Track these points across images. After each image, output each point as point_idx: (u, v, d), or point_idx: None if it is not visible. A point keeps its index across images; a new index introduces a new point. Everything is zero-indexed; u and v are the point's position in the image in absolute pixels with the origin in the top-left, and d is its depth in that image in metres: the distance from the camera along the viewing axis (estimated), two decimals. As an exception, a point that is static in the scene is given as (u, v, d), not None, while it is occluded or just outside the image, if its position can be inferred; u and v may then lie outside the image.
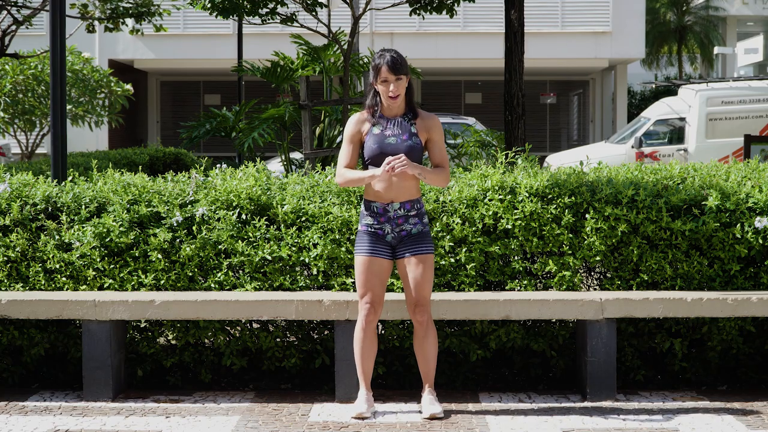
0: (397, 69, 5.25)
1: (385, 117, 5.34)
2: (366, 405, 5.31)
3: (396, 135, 5.29)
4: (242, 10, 10.32)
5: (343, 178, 5.33)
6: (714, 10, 36.78)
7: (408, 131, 5.31)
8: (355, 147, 5.34)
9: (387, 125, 5.32)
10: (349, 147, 5.34)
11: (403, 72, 5.27)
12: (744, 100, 18.96)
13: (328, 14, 14.35)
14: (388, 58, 5.26)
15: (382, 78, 5.27)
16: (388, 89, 5.26)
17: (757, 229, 5.66)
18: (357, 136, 5.34)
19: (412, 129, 5.32)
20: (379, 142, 5.28)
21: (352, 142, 5.34)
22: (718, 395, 5.74)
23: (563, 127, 31.20)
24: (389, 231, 5.30)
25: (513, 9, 9.56)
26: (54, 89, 6.77)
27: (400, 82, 5.27)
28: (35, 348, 5.92)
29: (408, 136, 5.30)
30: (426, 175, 5.25)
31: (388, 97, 5.27)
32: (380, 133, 5.30)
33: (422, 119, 5.36)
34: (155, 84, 29.90)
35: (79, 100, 17.69)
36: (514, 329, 5.85)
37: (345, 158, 5.34)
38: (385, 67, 5.25)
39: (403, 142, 5.28)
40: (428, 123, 5.36)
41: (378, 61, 5.28)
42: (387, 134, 5.30)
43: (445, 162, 5.36)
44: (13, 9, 13.99)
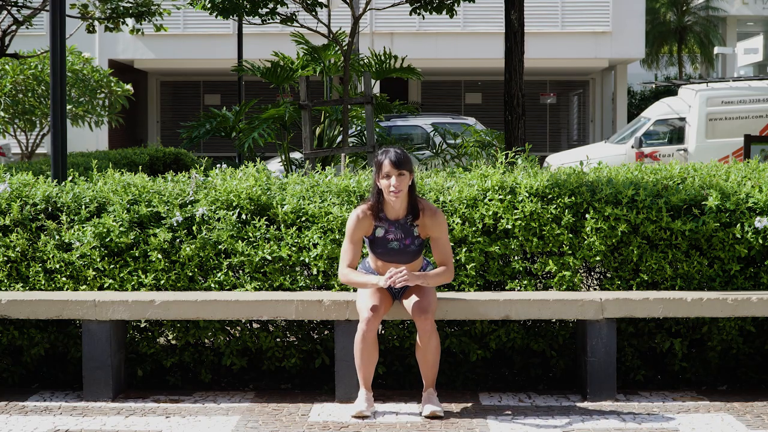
0: (399, 164, 5.27)
1: (387, 219, 5.38)
2: (366, 405, 5.31)
3: (399, 240, 5.38)
4: (242, 10, 10.33)
5: (347, 279, 5.40)
6: (714, 10, 36.77)
7: (411, 235, 5.39)
8: (357, 246, 5.40)
9: (389, 228, 5.39)
10: (351, 247, 5.39)
11: (406, 168, 5.29)
12: (744, 100, 18.96)
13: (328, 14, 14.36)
14: (392, 153, 5.30)
15: (385, 173, 5.29)
16: (389, 186, 5.27)
17: (757, 229, 5.65)
18: (359, 234, 5.40)
19: (414, 232, 5.40)
20: (383, 246, 5.39)
21: (354, 242, 5.39)
22: (718, 395, 5.74)
23: (563, 127, 31.19)
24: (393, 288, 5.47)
25: (513, 9, 9.56)
26: (54, 89, 6.77)
27: (403, 177, 5.28)
28: (35, 348, 5.92)
29: (410, 240, 5.39)
30: (428, 281, 5.35)
31: (389, 192, 5.28)
32: (383, 237, 5.39)
33: (424, 218, 5.38)
34: (155, 84, 29.90)
35: (79, 100, 17.68)
36: (514, 329, 5.85)
37: (348, 258, 5.39)
38: (388, 161, 5.28)
39: (406, 247, 5.38)
40: (429, 222, 5.38)
41: (381, 157, 5.33)
42: (389, 238, 5.39)
43: (448, 259, 5.41)
44: (13, 9, 13.98)
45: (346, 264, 5.38)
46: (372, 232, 5.40)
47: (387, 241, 5.39)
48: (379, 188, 5.35)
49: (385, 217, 5.39)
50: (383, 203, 5.36)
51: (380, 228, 5.40)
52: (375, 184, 5.38)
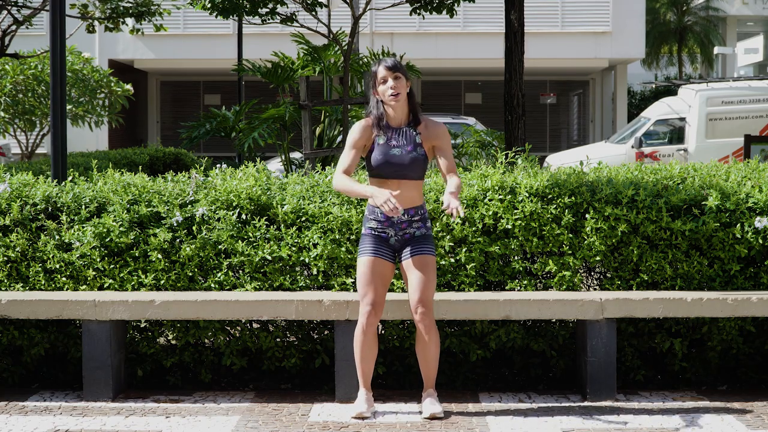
0: (394, 67, 5.28)
1: (390, 126, 5.35)
2: (366, 405, 5.31)
3: (401, 146, 5.31)
4: (242, 10, 10.33)
5: (342, 184, 5.27)
6: (714, 10, 36.78)
7: (413, 142, 5.32)
8: (357, 153, 5.33)
9: (392, 135, 5.33)
10: (351, 152, 5.33)
11: (401, 71, 5.29)
12: (744, 100, 18.96)
13: (328, 14, 14.36)
14: (386, 60, 5.33)
15: (381, 78, 5.29)
16: (387, 90, 5.27)
17: (757, 229, 5.66)
18: (361, 142, 5.33)
19: (417, 139, 5.33)
20: (384, 153, 5.28)
21: (355, 147, 5.32)
22: (718, 395, 5.74)
23: (563, 127, 31.20)
24: (392, 234, 5.32)
25: (513, 9, 9.56)
26: (54, 89, 6.77)
27: (399, 80, 5.28)
28: (35, 348, 5.92)
29: (413, 147, 5.31)
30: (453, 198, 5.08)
31: (389, 96, 5.27)
32: (385, 144, 5.31)
33: (426, 128, 5.35)
34: (155, 84, 29.90)
35: (79, 100, 17.68)
36: (514, 329, 5.85)
37: (345, 162, 5.32)
38: (382, 67, 5.29)
39: (408, 153, 5.29)
40: (433, 131, 5.35)
41: (374, 67, 5.35)
42: (392, 144, 5.31)
43: (454, 168, 5.36)
44: (13, 9, 13.98)
45: (342, 169, 5.28)
46: (373, 141, 5.32)
47: (389, 148, 5.29)
48: (378, 100, 5.33)
49: (387, 126, 5.34)
50: (385, 114, 5.32)
51: (381, 136, 5.32)
52: (374, 96, 5.34)
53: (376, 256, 5.28)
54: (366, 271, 5.28)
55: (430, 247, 5.31)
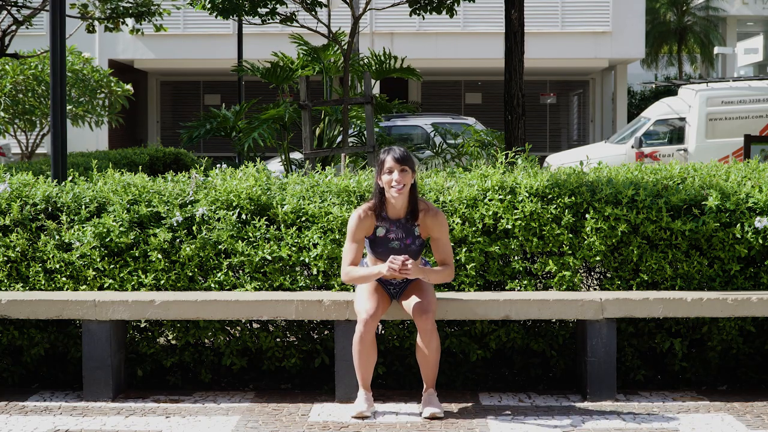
0: (402, 160, 5.29)
1: (388, 218, 5.38)
2: (366, 405, 5.31)
3: (400, 239, 5.38)
4: (242, 10, 10.33)
5: (349, 276, 5.38)
6: (714, 10, 36.77)
7: (411, 234, 5.39)
8: (359, 246, 5.39)
9: (390, 228, 5.39)
10: (353, 246, 5.38)
11: (408, 165, 5.30)
12: (744, 100, 18.96)
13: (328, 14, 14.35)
14: (395, 151, 5.33)
15: (387, 168, 5.30)
16: (392, 181, 5.28)
17: (757, 229, 5.65)
18: (361, 235, 5.38)
19: (415, 231, 5.40)
20: (384, 245, 5.38)
21: (356, 241, 5.38)
22: (718, 395, 5.74)
23: (563, 127, 31.19)
24: (392, 288, 5.51)
25: (513, 9, 9.56)
26: (54, 89, 6.76)
27: (405, 173, 5.29)
28: (35, 348, 5.92)
29: (411, 240, 5.39)
30: (429, 276, 5.36)
31: (391, 187, 5.29)
32: (384, 237, 5.39)
33: (424, 218, 5.38)
34: (155, 84, 29.89)
35: (79, 100, 17.67)
36: (514, 329, 5.85)
37: (350, 257, 5.38)
38: (390, 157, 5.30)
39: (407, 246, 5.37)
40: (430, 222, 5.38)
41: (383, 155, 5.35)
42: (390, 237, 5.39)
43: (449, 259, 5.41)
44: (13, 9, 13.98)
45: (348, 263, 5.37)
46: (373, 232, 5.40)
47: (388, 240, 5.39)
48: (380, 188, 5.35)
49: (387, 217, 5.39)
50: (385, 202, 5.37)
51: (381, 227, 5.40)
52: (376, 183, 5.38)
53: (378, 282, 5.45)
54: (365, 287, 5.42)
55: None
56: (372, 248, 5.43)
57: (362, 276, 5.35)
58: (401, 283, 5.49)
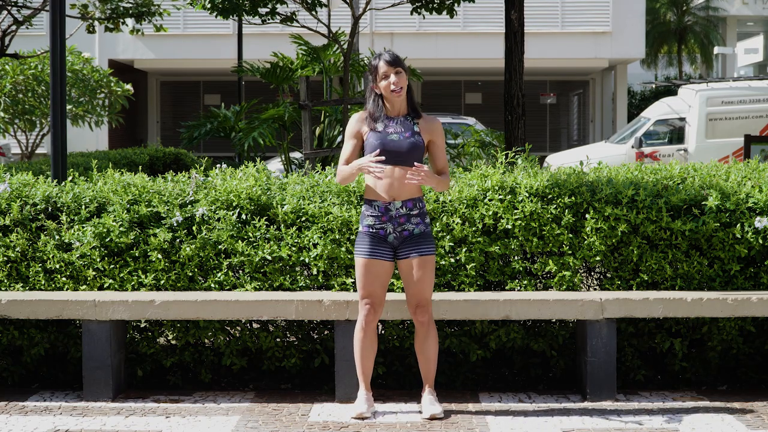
0: (394, 62, 5.29)
1: (387, 116, 5.34)
2: (366, 405, 5.31)
3: (398, 132, 5.29)
4: (242, 10, 10.33)
5: (340, 175, 5.33)
6: (714, 10, 36.78)
7: (411, 129, 5.31)
8: (356, 144, 5.33)
9: (389, 123, 5.32)
10: (349, 143, 5.33)
11: (401, 66, 5.30)
12: (744, 100, 18.96)
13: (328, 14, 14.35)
14: (385, 55, 5.33)
15: (382, 74, 5.28)
16: (390, 84, 5.26)
17: (757, 229, 5.65)
18: (359, 133, 5.33)
19: (415, 128, 5.32)
20: (382, 138, 5.26)
21: (354, 138, 5.33)
22: (718, 395, 5.74)
23: (563, 127, 31.20)
24: (391, 231, 5.28)
25: (513, 9, 9.56)
26: (54, 89, 6.76)
27: (400, 75, 5.28)
28: (35, 348, 5.92)
29: (411, 133, 5.29)
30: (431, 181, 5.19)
31: (391, 92, 5.26)
32: (383, 131, 5.29)
33: (425, 121, 5.36)
34: (155, 84, 29.90)
35: (79, 100, 17.67)
36: (514, 329, 5.85)
37: (345, 154, 5.33)
38: (383, 62, 5.29)
39: (406, 139, 5.27)
40: (431, 125, 5.36)
41: (375, 61, 5.33)
42: (389, 131, 5.29)
43: (447, 167, 5.39)
44: (13, 9, 13.98)
45: (342, 162, 5.31)
46: (373, 129, 5.29)
47: (386, 134, 5.27)
48: (376, 93, 5.31)
49: (386, 116, 5.32)
50: (383, 105, 5.31)
51: (380, 124, 5.31)
52: (372, 91, 5.32)
53: (373, 257, 5.25)
54: (364, 272, 5.27)
55: (429, 246, 5.29)
56: (369, 146, 5.26)
57: (347, 173, 5.26)
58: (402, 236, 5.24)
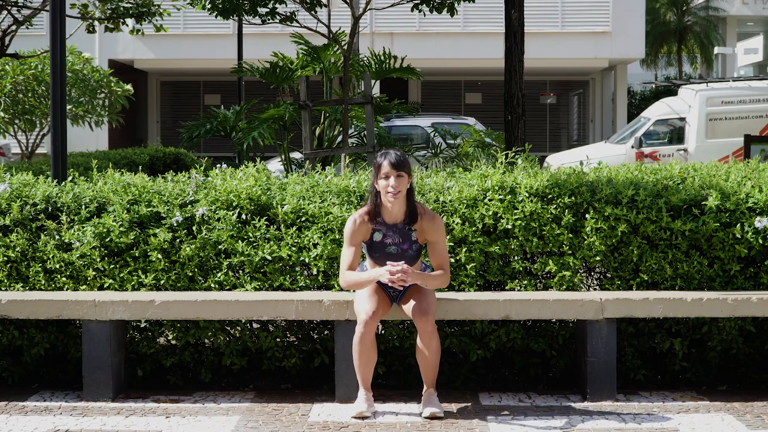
0: (398, 165, 5.26)
1: (385, 223, 5.37)
2: (366, 405, 5.31)
3: (396, 244, 5.37)
4: (242, 10, 10.33)
5: (347, 282, 5.36)
6: (714, 10, 36.78)
7: (408, 239, 5.37)
8: (356, 250, 5.38)
9: (387, 233, 5.38)
10: (350, 249, 5.37)
11: (405, 170, 5.28)
12: (744, 100, 18.96)
13: (328, 14, 14.36)
14: (391, 155, 5.30)
15: (383, 173, 5.28)
16: (388, 186, 5.27)
17: (757, 229, 5.65)
18: (358, 239, 5.38)
19: (412, 236, 5.38)
20: (381, 250, 5.37)
21: (354, 244, 5.37)
22: (718, 395, 5.74)
23: (563, 127, 31.20)
24: (392, 291, 5.47)
25: (513, 9, 9.57)
26: (54, 89, 6.76)
27: (401, 179, 5.27)
28: (35, 348, 5.92)
29: (408, 245, 5.37)
30: (427, 282, 5.33)
31: (387, 192, 5.27)
32: (381, 242, 5.38)
33: (422, 221, 5.36)
34: (155, 84, 29.90)
35: (79, 100, 17.66)
36: (514, 329, 5.85)
37: (347, 261, 5.36)
38: (387, 162, 5.27)
39: (404, 251, 5.36)
40: (427, 226, 5.36)
41: (380, 159, 5.32)
42: (387, 243, 5.38)
43: (446, 263, 5.39)
44: (14, 9, 13.97)
45: (346, 268, 5.36)
46: (370, 237, 5.39)
47: (385, 245, 5.37)
48: (377, 191, 5.34)
49: (383, 222, 5.37)
50: (381, 207, 5.35)
51: (378, 232, 5.38)
52: (373, 186, 5.36)
53: (378, 284, 5.40)
54: (365, 289, 5.40)
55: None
56: (369, 253, 5.42)
57: (360, 281, 5.34)
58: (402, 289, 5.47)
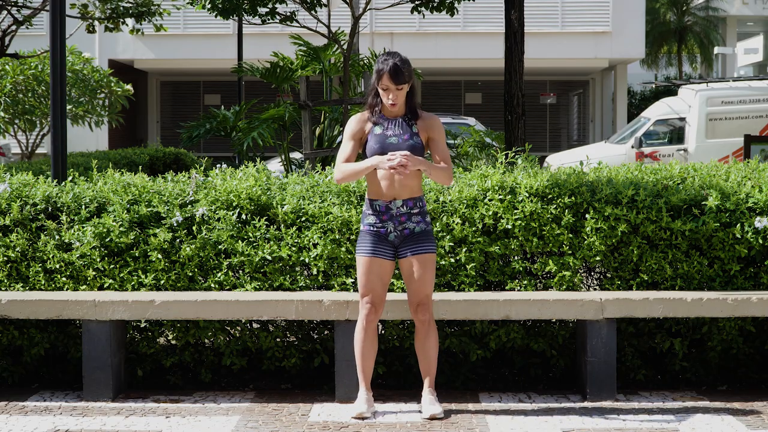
0: (398, 78, 5.23)
1: (386, 117, 5.34)
2: (366, 405, 5.31)
3: (397, 135, 5.29)
4: (242, 10, 10.33)
5: (342, 171, 5.29)
6: (714, 10, 36.78)
7: (409, 131, 5.31)
8: (355, 144, 5.34)
9: (388, 125, 5.32)
10: (349, 143, 5.33)
11: (405, 81, 5.25)
12: (744, 100, 18.96)
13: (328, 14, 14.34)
14: (391, 65, 5.23)
15: (384, 85, 5.26)
16: (387, 97, 5.26)
17: (757, 229, 5.65)
18: (358, 134, 5.34)
19: (413, 129, 5.32)
20: (381, 141, 5.27)
21: (353, 139, 5.33)
22: (718, 395, 5.74)
23: (563, 127, 31.20)
24: (392, 230, 5.29)
25: (513, 9, 9.56)
26: (54, 89, 6.76)
27: (401, 92, 5.26)
28: (35, 348, 5.92)
29: (409, 135, 5.30)
30: (430, 170, 5.24)
31: (387, 103, 5.28)
32: (381, 133, 5.30)
33: (423, 119, 5.36)
34: (155, 84, 29.89)
35: (79, 100, 17.66)
36: (514, 329, 5.85)
37: (344, 154, 5.32)
38: (387, 75, 5.23)
39: (405, 141, 5.27)
40: (429, 123, 5.35)
41: (381, 66, 5.25)
42: (388, 134, 5.30)
43: (448, 160, 5.36)
44: (14, 9, 13.97)
45: (342, 161, 5.30)
46: (371, 131, 5.31)
47: (385, 137, 5.28)
48: (377, 91, 5.31)
49: (384, 117, 5.33)
50: (382, 105, 5.32)
51: (379, 126, 5.32)
52: (373, 86, 5.31)
53: (374, 256, 5.27)
54: (365, 270, 5.28)
55: (429, 245, 5.30)
56: (370, 150, 5.29)
57: (356, 170, 5.25)
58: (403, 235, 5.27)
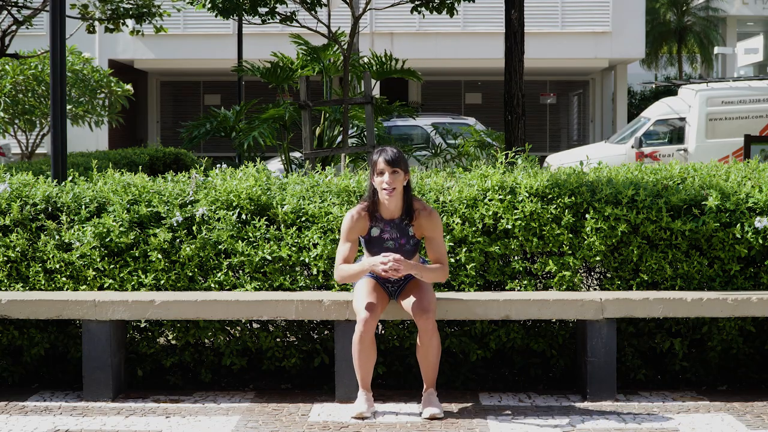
0: (393, 162, 5.26)
1: (382, 219, 5.38)
2: (366, 405, 5.31)
3: (394, 239, 5.38)
4: (242, 10, 10.33)
5: (341, 275, 5.36)
6: (714, 10, 36.78)
7: (406, 234, 5.39)
8: (352, 246, 5.38)
9: (385, 228, 5.39)
10: (346, 245, 5.37)
11: (400, 167, 5.28)
12: (744, 100, 18.96)
13: (328, 14, 14.34)
14: (387, 152, 5.30)
15: (379, 170, 5.29)
16: (383, 181, 5.27)
17: (757, 229, 5.66)
18: (355, 235, 5.39)
19: (409, 231, 5.39)
20: (379, 245, 5.38)
21: (350, 240, 5.37)
22: (718, 395, 5.74)
23: (563, 127, 31.20)
24: (390, 285, 5.48)
25: (513, 9, 9.57)
26: (54, 89, 6.76)
27: (396, 175, 5.27)
28: (35, 348, 5.92)
29: (405, 240, 5.38)
30: (423, 273, 5.32)
31: (382, 189, 5.28)
32: (378, 237, 5.39)
33: (419, 218, 5.37)
34: (155, 84, 29.89)
35: (79, 100, 17.66)
36: (514, 329, 5.85)
37: (343, 256, 5.36)
38: (382, 159, 5.28)
39: (401, 246, 5.37)
40: (425, 222, 5.37)
41: (375, 156, 5.33)
42: (385, 238, 5.39)
43: (444, 258, 5.39)
44: (14, 9, 13.97)
45: (341, 262, 5.36)
46: (367, 232, 5.39)
47: (382, 240, 5.38)
48: (374, 188, 5.35)
49: (381, 217, 5.38)
50: (378, 203, 5.36)
51: (375, 228, 5.39)
52: (371, 183, 5.37)
53: (375, 281, 5.42)
54: (364, 285, 5.40)
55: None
56: (367, 248, 5.43)
57: (354, 272, 5.33)
58: (399, 281, 5.48)
